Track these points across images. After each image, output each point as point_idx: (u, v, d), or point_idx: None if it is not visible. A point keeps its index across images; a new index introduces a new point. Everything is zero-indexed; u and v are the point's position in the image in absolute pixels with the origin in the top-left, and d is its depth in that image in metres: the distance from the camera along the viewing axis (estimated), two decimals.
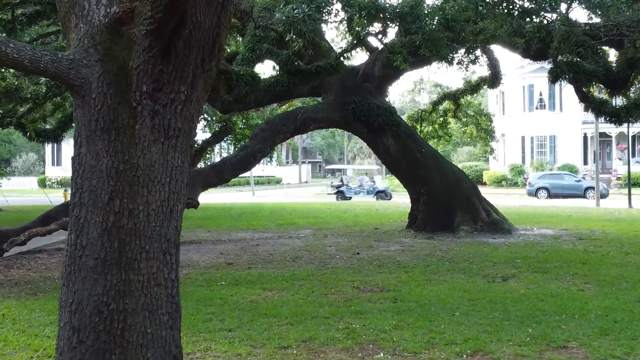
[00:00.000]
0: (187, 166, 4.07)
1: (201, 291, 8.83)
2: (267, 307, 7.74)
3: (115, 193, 3.80)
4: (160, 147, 3.88)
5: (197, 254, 13.11)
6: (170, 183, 3.92)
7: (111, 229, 3.79)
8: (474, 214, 16.36)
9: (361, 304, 7.83)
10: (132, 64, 3.82)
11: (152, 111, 3.85)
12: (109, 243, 3.79)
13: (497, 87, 20.95)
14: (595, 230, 16.61)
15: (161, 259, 3.89)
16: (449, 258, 11.91)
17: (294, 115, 16.29)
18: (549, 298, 8.13)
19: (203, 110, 27.38)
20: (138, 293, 3.81)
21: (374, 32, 12.02)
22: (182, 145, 3.98)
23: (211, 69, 4.03)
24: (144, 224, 3.83)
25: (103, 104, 3.83)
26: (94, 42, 3.86)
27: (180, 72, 3.87)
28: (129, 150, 3.82)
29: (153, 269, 3.85)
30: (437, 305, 7.71)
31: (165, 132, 3.89)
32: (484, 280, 9.52)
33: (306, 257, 12.34)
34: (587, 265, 10.82)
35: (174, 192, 3.94)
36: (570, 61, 12.24)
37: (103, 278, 3.78)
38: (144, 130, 3.84)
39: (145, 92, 3.83)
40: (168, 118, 3.89)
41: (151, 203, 3.85)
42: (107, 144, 3.83)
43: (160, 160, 3.88)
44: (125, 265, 3.79)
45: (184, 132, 3.97)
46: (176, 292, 3.99)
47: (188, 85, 3.92)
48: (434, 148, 18.85)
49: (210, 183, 15.50)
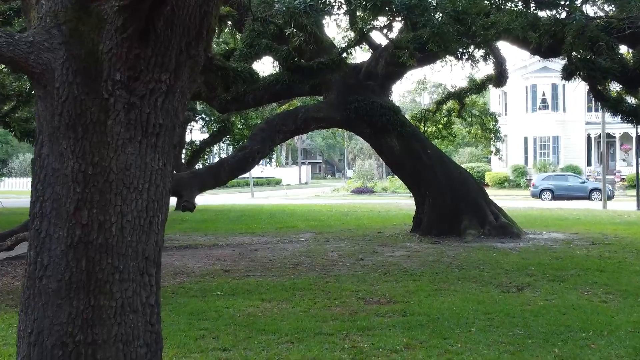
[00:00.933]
0: (170, 169, 3.45)
1: (195, 303, 8.20)
2: (265, 321, 7.11)
3: (83, 202, 3.18)
4: (137, 147, 3.26)
5: (193, 259, 12.48)
6: (149, 190, 3.30)
7: (78, 244, 3.17)
8: (482, 218, 15.73)
9: (368, 318, 7.21)
10: (103, 48, 3.20)
11: (128, 104, 3.23)
12: (75, 262, 3.17)
13: (503, 85, 20.33)
14: (607, 235, 15.98)
15: (138, 281, 3.26)
16: (457, 265, 11.28)
17: (294, 115, 15.65)
18: (571, 311, 7.50)
19: (201, 109, 26.84)
20: (110, 322, 3.18)
21: (378, 27, 11.39)
22: (164, 144, 3.36)
23: (198, 55, 3.40)
24: (117, 238, 3.20)
25: (68, 95, 3.21)
26: (58, 21, 3.23)
27: (160, 57, 3.25)
28: (99, 150, 3.20)
29: (128, 292, 3.23)
30: (450, 319, 7.08)
31: (143, 129, 3.27)
32: (498, 290, 8.89)
33: (307, 264, 11.71)
34: (606, 273, 10.19)
35: (153, 200, 3.31)
36: (585, 57, 11.61)
37: (68, 304, 3.15)
38: (118, 126, 3.22)
39: (118, 81, 3.21)
40: (146, 112, 3.27)
41: (126, 214, 3.22)
42: (73, 143, 3.20)
43: (137, 162, 3.25)
44: (94, 289, 3.17)
45: (165, 129, 3.35)
46: (156, 320, 3.36)
47: (170, 74, 3.30)
48: (439, 149, 18.21)
49: (207, 185, 14.89)
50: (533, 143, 47.94)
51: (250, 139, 15.31)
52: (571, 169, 44.22)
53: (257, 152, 14.64)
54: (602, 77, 11.86)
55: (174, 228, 19.02)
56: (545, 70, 47.16)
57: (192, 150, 25.12)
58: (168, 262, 12.17)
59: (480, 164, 52.36)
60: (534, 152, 47.99)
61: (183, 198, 13.09)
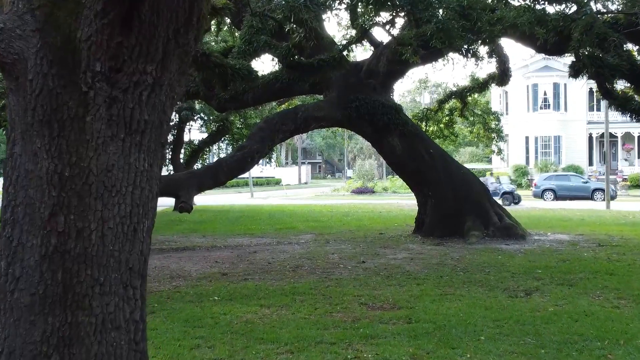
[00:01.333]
0: (158, 171, 3.13)
1: (190, 308, 7.87)
2: (264, 329, 6.78)
3: (59, 207, 2.85)
4: (119, 146, 2.93)
5: (190, 262, 12.16)
6: (134, 193, 2.97)
7: (53, 254, 2.84)
8: (485, 218, 15.41)
9: (371, 325, 6.88)
10: (82, 35, 2.87)
11: (109, 98, 2.90)
12: (50, 273, 2.84)
13: (506, 84, 19.99)
14: (613, 236, 15.66)
15: (121, 294, 2.94)
16: (462, 267, 10.96)
17: (293, 114, 15.32)
18: (584, 318, 7.18)
19: (200, 109, 26.51)
20: (89, 340, 2.86)
21: (380, 23, 11.06)
22: (150, 143, 3.03)
23: (188, 44, 3.08)
24: (98, 247, 2.88)
25: (43, 87, 2.88)
26: (31, 5, 2.91)
27: (146, 46, 2.92)
28: (77, 149, 2.88)
29: (110, 307, 2.90)
30: (458, 327, 6.76)
31: (126, 125, 2.94)
32: (506, 295, 8.56)
33: (307, 267, 11.39)
34: (616, 277, 9.87)
35: (138, 204, 2.99)
36: (593, 54, 11.28)
37: (42, 320, 2.83)
38: (98, 123, 2.90)
39: (99, 72, 2.89)
40: (130, 107, 2.94)
41: (107, 220, 2.90)
42: (49, 141, 2.88)
43: (119, 162, 2.93)
44: (71, 303, 2.85)
45: (151, 126, 3.02)
46: (141, 338, 3.05)
47: (157, 64, 2.98)
48: (442, 148, 17.88)
49: (206, 185, 14.56)
50: (534, 143, 47.63)
51: (249, 139, 14.98)
52: (573, 169, 43.88)
53: (256, 151, 14.31)
54: (610, 74, 11.53)
55: (171, 229, 18.71)
56: (547, 70, 46.89)
57: (191, 150, 24.84)
58: (164, 264, 11.87)
59: (481, 163, 52.02)
60: (535, 152, 47.67)
61: (180, 199, 12.78)
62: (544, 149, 47.60)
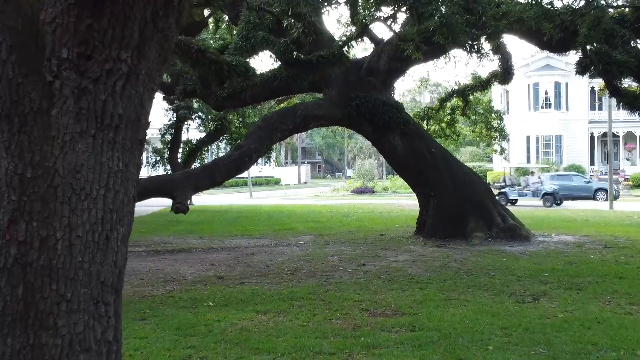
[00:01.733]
0: (135, 172, 2.78)
1: (183, 315, 7.52)
2: (259, 337, 6.43)
3: (20, 213, 2.51)
4: (89, 143, 2.58)
5: (185, 265, 11.81)
6: (106, 197, 2.62)
7: (13, 267, 2.50)
8: (489, 219, 15.05)
9: (373, 334, 6.53)
10: (46, 17, 2.52)
11: (78, 89, 2.56)
12: (9, 289, 2.50)
13: (509, 82, 19.65)
14: (619, 237, 15.32)
15: (91, 312, 2.59)
16: (466, 271, 10.62)
17: (292, 112, 14.97)
18: (596, 325, 6.83)
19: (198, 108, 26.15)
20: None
21: (382, 18, 10.71)
22: (125, 140, 2.68)
23: (168, 28, 2.73)
24: (64, 259, 2.53)
25: (1, 77, 2.54)
26: None
27: (120, 29, 2.57)
28: (41, 147, 2.53)
29: (78, 326, 2.55)
30: (464, 335, 6.41)
31: (97, 120, 2.60)
32: (512, 300, 8.21)
33: (306, 269, 11.04)
34: (626, 281, 9.53)
35: (111, 210, 2.64)
36: (600, 50, 10.93)
37: (1, 342, 2.48)
38: (65, 117, 2.55)
39: (66, 59, 2.54)
40: (102, 99, 2.60)
41: (76, 227, 2.55)
42: (8, 138, 2.54)
43: (90, 162, 2.58)
44: (34, 323, 2.50)
45: (127, 121, 2.68)
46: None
47: (133, 51, 2.63)
48: (444, 148, 17.52)
49: (202, 185, 14.23)
50: (535, 142, 47.28)
51: (246, 138, 14.64)
52: (574, 169, 43.52)
53: (253, 151, 13.97)
54: (618, 71, 11.18)
55: (168, 230, 18.37)
56: (548, 68, 46.56)
57: (189, 150, 24.47)
58: (159, 267, 11.53)
59: (481, 163, 51.68)
60: (536, 152, 47.33)
61: (176, 199, 12.45)
62: (545, 149, 47.26)
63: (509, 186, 32.04)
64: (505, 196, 30.80)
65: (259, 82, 14.98)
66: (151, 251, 14.00)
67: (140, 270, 11.13)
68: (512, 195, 31.25)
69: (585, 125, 47.15)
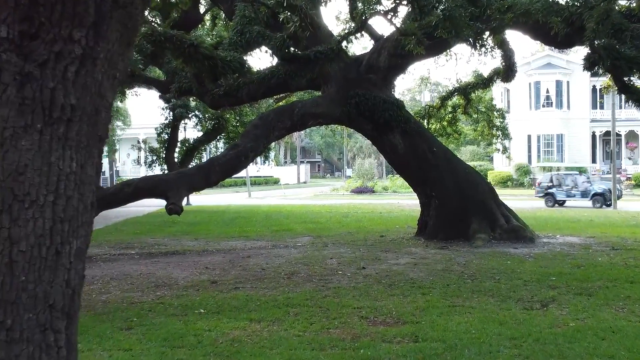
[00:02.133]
0: (93, 174, 2.35)
1: (172, 324, 7.10)
2: (252, 349, 6.02)
3: None
4: (35, 140, 2.16)
5: (178, 268, 11.39)
6: (56, 204, 2.20)
7: None
8: (492, 220, 14.64)
9: (373, 345, 6.12)
10: None
11: (21, 74, 2.13)
12: None
13: (511, 80, 19.19)
14: (626, 239, 14.91)
15: (37, 341, 2.16)
16: (470, 274, 10.20)
17: (290, 110, 14.52)
18: (611, 335, 6.42)
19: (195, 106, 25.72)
20: None
21: (382, 12, 10.28)
22: (80, 137, 2.26)
23: (132, 4, 2.30)
24: (4, 278, 2.11)
25: None
26: None
27: (71, 4, 2.15)
28: None
29: (21, 359, 2.13)
30: (471, 347, 5.99)
31: (45, 112, 2.17)
32: (520, 307, 7.80)
33: (303, 273, 10.63)
34: (637, 286, 9.10)
35: (62, 219, 2.21)
36: (609, 46, 10.51)
37: None
38: (5, 108, 2.13)
39: (6, 39, 2.12)
40: (50, 87, 2.17)
41: (18, 241, 2.13)
42: None
43: (36, 163, 2.16)
44: None
45: (82, 114, 2.25)
46: None
47: (88, 30, 2.20)
48: (445, 146, 17.09)
49: (197, 186, 13.78)
50: (537, 141, 46.84)
51: (242, 137, 14.18)
52: (576, 168, 43.11)
53: (250, 150, 13.51)
54: (627, 67, 10.76)
55: (162, 231, 17.95)
56: (549, 67, 46.14)
57: (186, 149, 24.04)
58: (151, 271, 11.11)
59: (482, 162, 51.27)
60: (537, 151, 46.89)
61: (170, 200, 12.01)
62: (546, 148, 46.83)
63: (556, 186, 30.17)
64: (553, 197, 29.55)
65: (256, 80, 14.57)
66: (144, 253, 13.59)
67: (132, 274, 10.72)
68: (559, 196, 29.72)
69: (587, 124, 46.74)
